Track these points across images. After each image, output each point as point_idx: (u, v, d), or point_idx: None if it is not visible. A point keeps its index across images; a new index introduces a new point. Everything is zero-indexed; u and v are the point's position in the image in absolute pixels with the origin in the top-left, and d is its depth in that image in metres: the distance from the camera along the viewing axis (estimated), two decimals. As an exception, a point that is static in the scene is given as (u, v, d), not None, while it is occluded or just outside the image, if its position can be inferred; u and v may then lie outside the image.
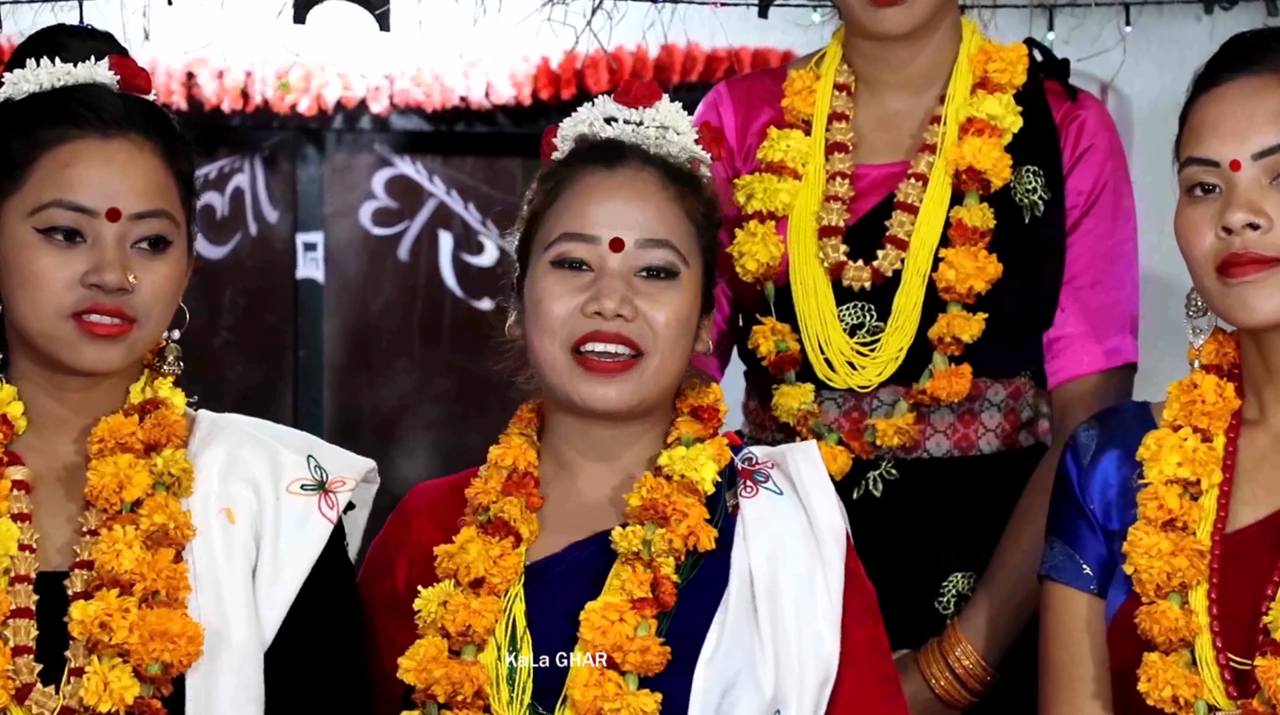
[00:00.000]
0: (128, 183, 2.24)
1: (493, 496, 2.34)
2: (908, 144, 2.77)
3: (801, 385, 2.72)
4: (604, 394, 2.30)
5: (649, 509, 2.29)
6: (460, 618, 2.26)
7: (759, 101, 2.85)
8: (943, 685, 2.66)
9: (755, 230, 2.73)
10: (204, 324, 6.09)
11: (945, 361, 2.69)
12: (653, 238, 2.32)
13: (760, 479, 2.34)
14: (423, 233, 6.30)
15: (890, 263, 2.70)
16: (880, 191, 2.75)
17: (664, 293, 2.32)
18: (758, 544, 2.29)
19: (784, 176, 2.76)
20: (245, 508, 2.27)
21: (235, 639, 2.21)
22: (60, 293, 2.22)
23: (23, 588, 2.20)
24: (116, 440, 2.26)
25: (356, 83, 5.96)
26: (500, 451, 2.37)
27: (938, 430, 2.72)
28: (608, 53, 3.66)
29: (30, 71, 2.29)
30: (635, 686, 2.22)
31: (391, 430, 6.23)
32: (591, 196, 2.34)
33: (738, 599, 2.27)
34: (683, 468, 2.31)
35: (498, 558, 2.29)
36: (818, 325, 2.73)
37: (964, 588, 2.71)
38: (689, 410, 2.38)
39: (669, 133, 2.38)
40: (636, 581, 2.25)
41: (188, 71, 5.86)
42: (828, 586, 2.28)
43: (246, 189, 6.21)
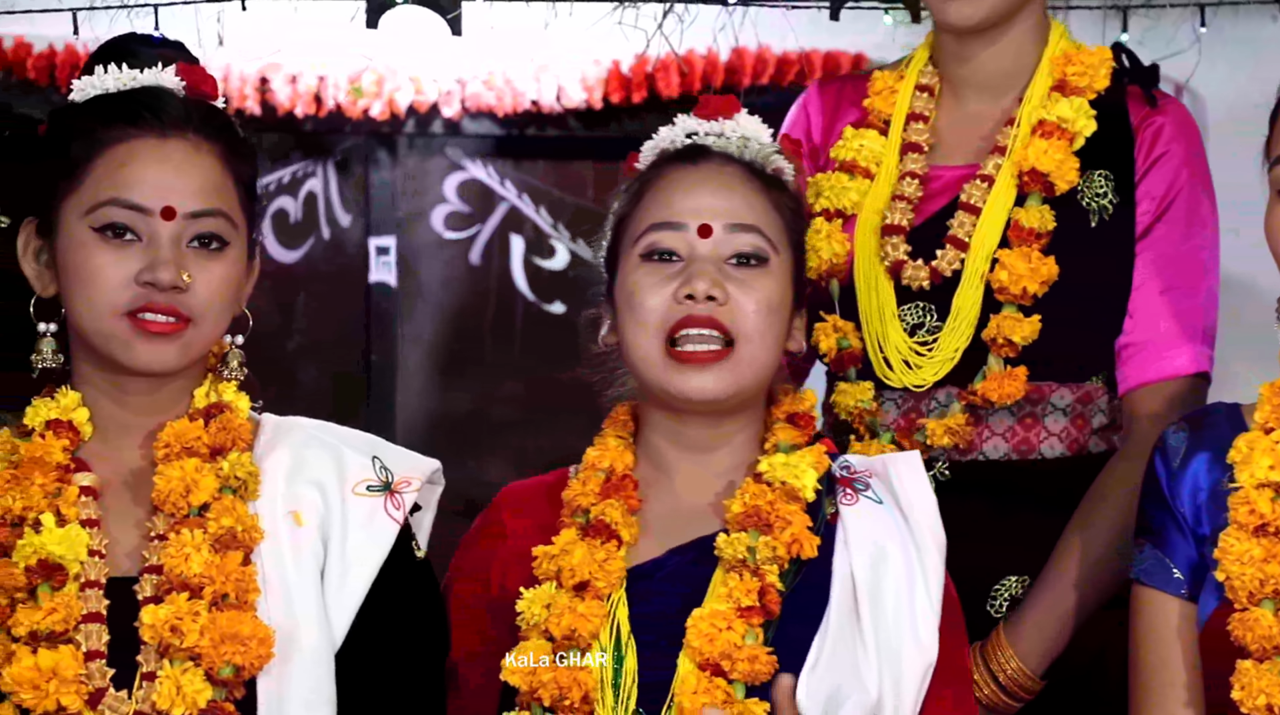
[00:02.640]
0: (183, 182, 2.25)
1: (592, 499, 2.34)
2: (982, 146, 2.77)
3: (861, 383, 2.73)
4: (699, 384, 2.30)
5: (752, 516, 2.29)
6: (565, 621, 2.26)
7: (846, 103, 2.86)
8: (985, 692, 2.64)
9: (820, 227, 2.74)
10: (277, 328, 6.12)
11: (1000, 363, 2.68)
12: (740, 222, 2.33)
13: (860, 487, 2.34)
14: (494, 236, 6.31)
15: (949, 263, 2.70)
16: (951, 193, 2.75)
17: (754, 278, 2.32)
18: (860, 549, 2.29)
19: (855, 175, 2.77)
20: (312, 510, 2.27)
21: (305, 641, 2.22)
22: (115, 291, 2.23)
23: (93, 593, 2.21)
24: (182, 444, 2.26)
25: (428, 87, 5.98)
26: (597, 454, 2.38)
27: (995, 433, 2.71)
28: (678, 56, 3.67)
29: (98, 77, 2.30)
30: (743, 695, 2.22)
31: (463, 433, 6.25)
32: (676, 188, 2.35)
33: (840, 606, 2.27)
34: (784, 475, 2.31)
35: (603, 561, 2.29)
36: (877, 323, 2.73)
37: (1017, 592, 2.70)
38: (785, 416, 2.38)
39: (751, 143, 2.39)
40: (744, 590, 2.25)
41: (261, 77, 5.90)
42: (929, 593, 2.28)
43: (319, 193, 6.24)
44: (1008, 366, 2.68)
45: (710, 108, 2.40)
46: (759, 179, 2.36)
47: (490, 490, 2.50)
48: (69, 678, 2.14)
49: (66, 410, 2.28)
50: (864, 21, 3.75)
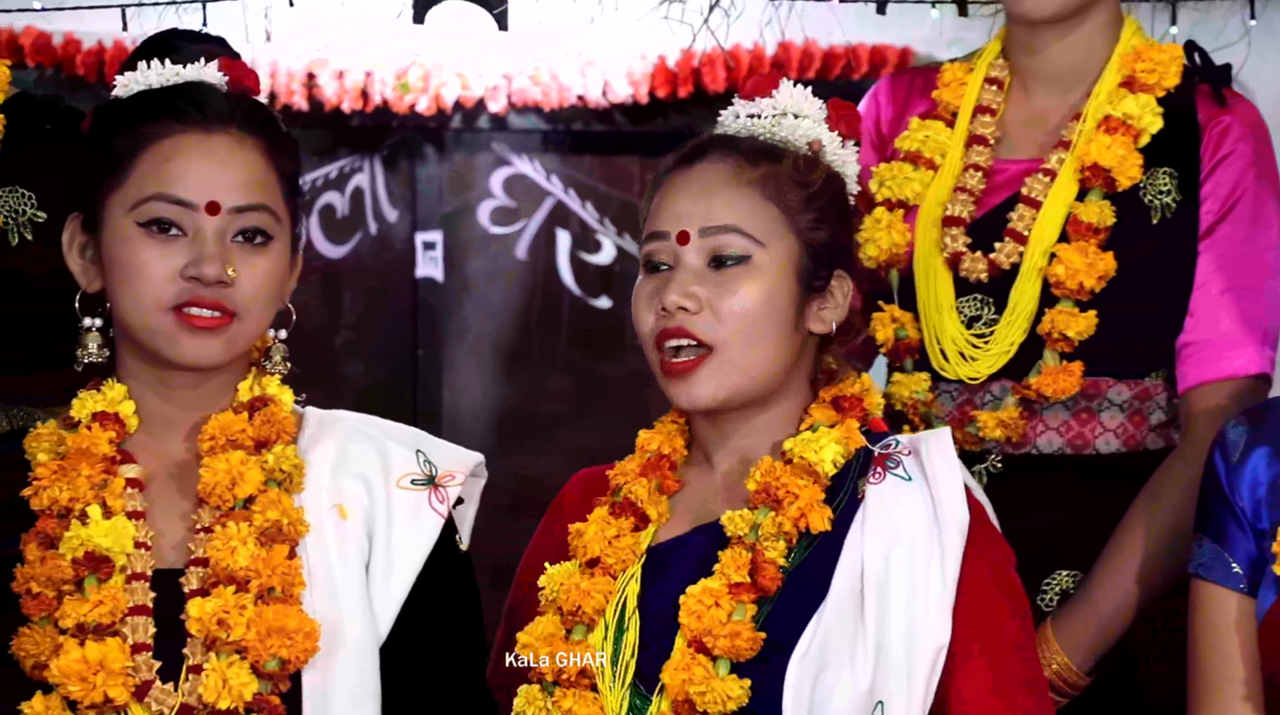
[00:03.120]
0: (228, 177, 2.25)
1: (629, 478, 2.36)
2: (1047, 141, 2.77)
3: (917, 374, 2.73)
4: (690, 394, 2.32)
5: (762, 492, 2.29)
6: (572, 597, 2.28)
7: (916, 94, 2.86)
8: None
9: (881, 217, 2.74)
10: (324, 323, 6.14)
11: (1055, 358, 2.67)
12: (714, 225, 2.32)
13: (891, 465, 2.32)
14: (540, 231, 6.32)
15: (1008, 256, 2.70)
16: (1013, 186, 2.75)
17: (735, 280, 2.32)
18: (874, 532, 2.28)
19: (919, 166, 2.77)
20: (357, 503, 2.28)
21: (351, 635, 2.22)
22: (160, 286, 2.24)
23: (139, 585, 2.22)
24: (227, 437, 2.27)
25: (475, 82, 5.99)
26: (648, 436, 2.40)
27: (1049, 427, 2.70)
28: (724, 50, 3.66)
29: (141, 73, 2.31)
30: (725, 672, 2.22)
31: (510, 428, 6.25)
32: (665, 196, 2.36)
33: (842, 591, 2.26)
34: (801, 450, 2.31)
35: (613, 538, 2.31)
36: (935, 315, 2.73)
37: (1069, 586, 2.69)
38: (830, 399, 2.37)
39: (786, 118, 2.37)
40: (735, 565, 2.25)
41: (308, 72, 5.91)
42: (944, 576, 2.25)
43: (366, 189, 6.26)
44: (1063, 361, 2.67)
45: (746, 89, 2.40)
46: (754, 169, 2.34)
47: (537, 484, 2.51)
48: (116, 670, 2.15)
49: (113, 402, 2.29)
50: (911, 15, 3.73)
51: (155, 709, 2.17)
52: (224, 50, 2.35)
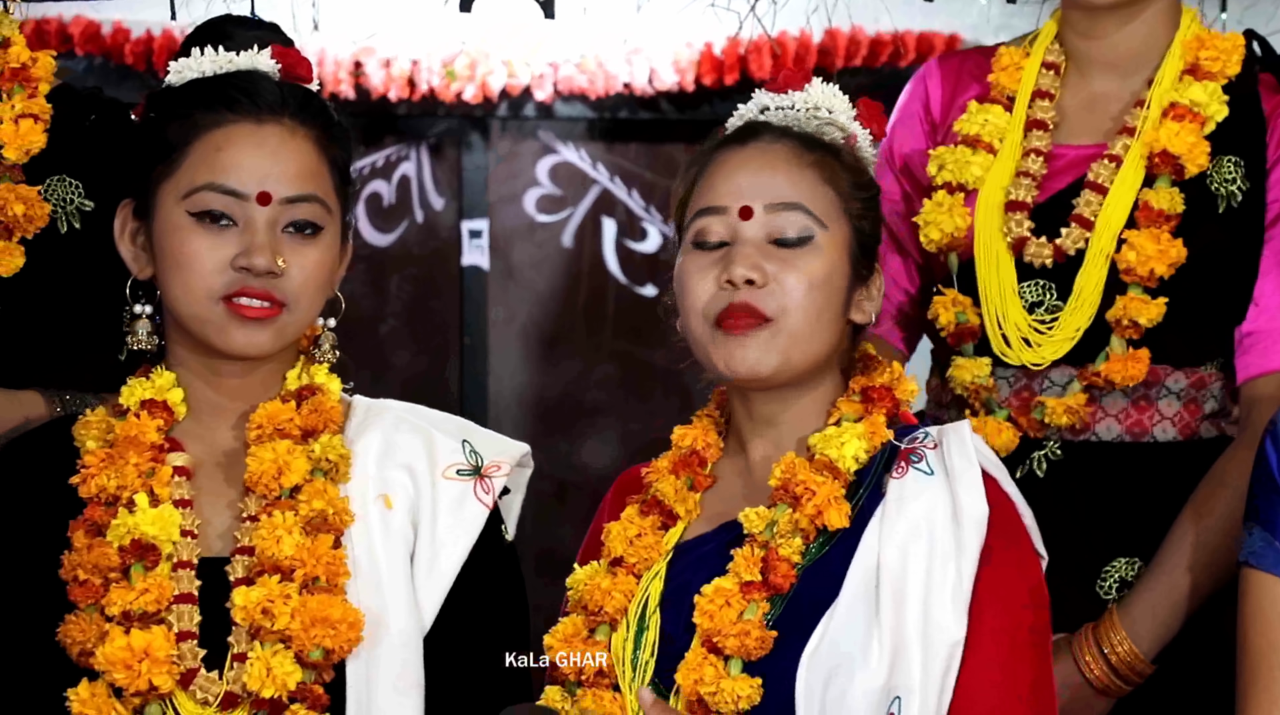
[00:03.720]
0: (279, 167, 2.26)
1: (660, 476, 2.35)
2: (1109, 127, 2.76)
3: (979, 358, 2.72)
4: (743, 356, 2.29)
5: (782, 489, 2.28)
6: (595, 597, 2.28)
7: (968, 78, 2.85)
8: (1096, 673, 2.62)
9: (942, 201, 2.73)
10: (371, 311, 6.16)
11: (1123, 345, 2.66)
12: (782, 202, 2.31)
13: (914, 460, 2.30)
14: (586, 219, 6.32)
15: (1074, 241, 2.69)
16: (1075, 172, 2.74)
17: (798, 258, 2.30)
18: (891, 528, 2.26)
19: (978, 150, 2.76)
20: (402, 493, 2.28)
21: (395, 625, 2.22)
22: (211, 275, 2.24)
23: (185, 573, 2.22)
24: (274, 426, 2.27)
25: (521, 70, 5.99)
26: (682, 432, 2.39)
27: (1109, 414, 2.69)
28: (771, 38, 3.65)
29: (194, 60, 2.31)
30: (738, 671, 2.21)
31: (556, 416, 6.26)
32: (720, 172, 2.34)
33: (856, 587, 2.24)
34: (824, 446, 2.30)
35: (634, 537, 2.30)
36: (997, 299, 2.72)
37: (1128, 574, 2.68)
38: (859, 389, 2.36)
39: (821, 112, 2.37)
40: (746, 565, 2.25)
41: (355, 61, 5.93)
42: (960, 572, 2.23)
43: (413, 177, 6.27)
44: (1129, 348, 2.66)
45: (779, 81, 2.39)
46: (811, 153, 2.33)
47: (582, 472, 2.51)
48: (161, 658, 2.15)
49: (161, 390, 2.30)
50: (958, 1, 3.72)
51: (200, 697, 2.18)
52: (277, 37, 2.35)
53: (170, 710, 2.17)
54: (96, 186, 2.50)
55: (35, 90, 2.54)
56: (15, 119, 2.50)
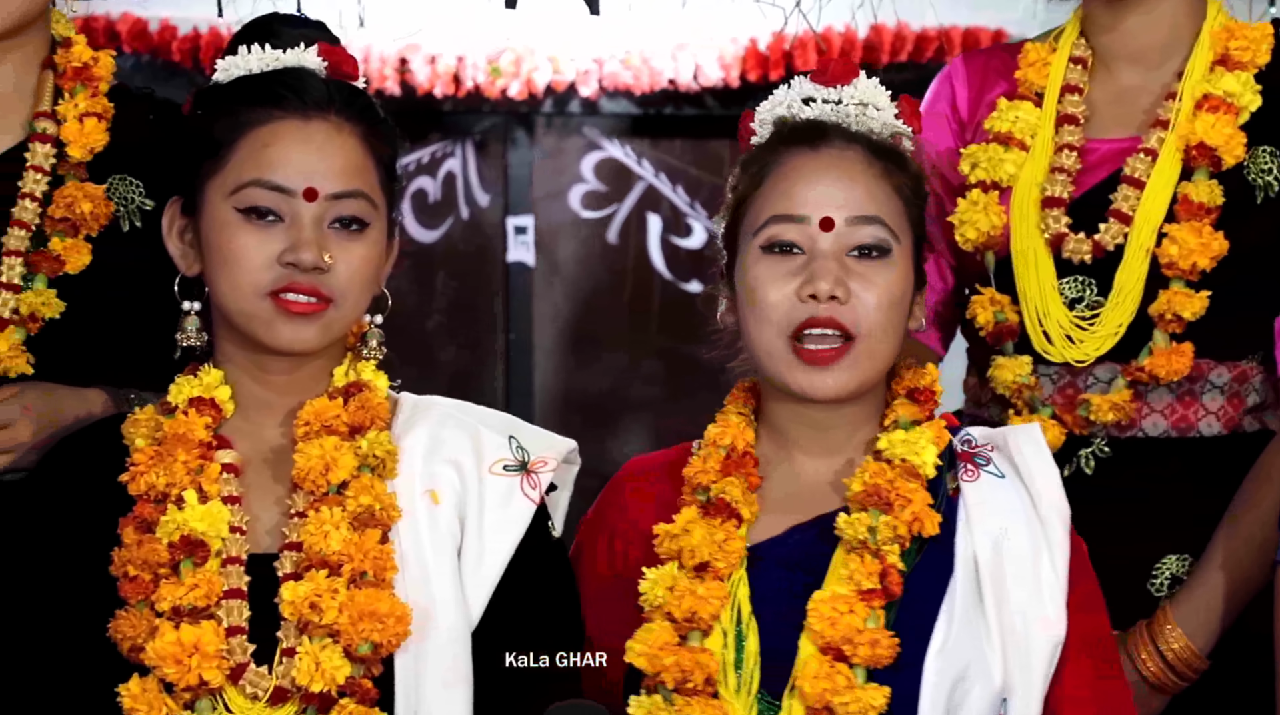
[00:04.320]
0: (325, 163, 2.26)
1: (712, 476, 2.33)
2: (1140, 120, 2.74)
3: (1019, 357, 2.71)
4: (822, 383, 2.29)
5: (872, 495, 2.27)
6: (686, 604, 2.25)
7: (994, 75, 2.84)
8: (1151, 669, 2.62)
9: (977, 199, 2.72)
10: (416, 307, 6.18)
11: (1166, 339, 2.65)
12: (863, 215, 2.30)
13: (981, 462, 2.32)
14: (631, 215, 6.33)
15: (1113, 237, 2.68)
16: (1109, 166, 2.72)
17: (877, 272, 2.30)
18: (981, 529, 2.27)
19: (1010, 147, 2.75)
20: (449, 489, 2.28)
21: (443, 619, 2.23)
22: (258, 271, 2.25)
23: (234, 569, 2.23)
24: (321, 422, 2.28)
25: (566, 66, 6.00)
26: (719, 430, 2.37)
27: (1154, 409, 2.68)
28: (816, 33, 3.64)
29: (241, 58, 2.32)
30: (864, 679, 2.21)
31: (601, 412, 6.27)
32: (798, 177, 2.32)
33: (964, 587, 2.25)
34: (903, 452, 2.29)
35: (722, 542, 2.28)
36: (1037, 297, 2.71)
37: (1178, 570, 2.67)
38: (905, 392, 2.36)
39: (869, 109, 2.36)
40: (865, 572, 2.23)
41: (401, 57, 5.94)
42: (1054, 568, 2.25)
43: (458, 173, 6.28)
44: (1172, 342, 2.65)
45: (829, 74, 2.37)
46: (881, 162, 2.33)
47: (628, 469, 2.50)
48: (210, 653, 2.16)
49: (209, 387, 2.31)
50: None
51: (249, 691, 2.19)
52: (324, 35, 2.36)
53: (220, 705, 2.18)
54: (156, 186, 2.52)
55: (97, 89, 2.56)
56: (79, 118, 2.52)
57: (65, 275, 2.48)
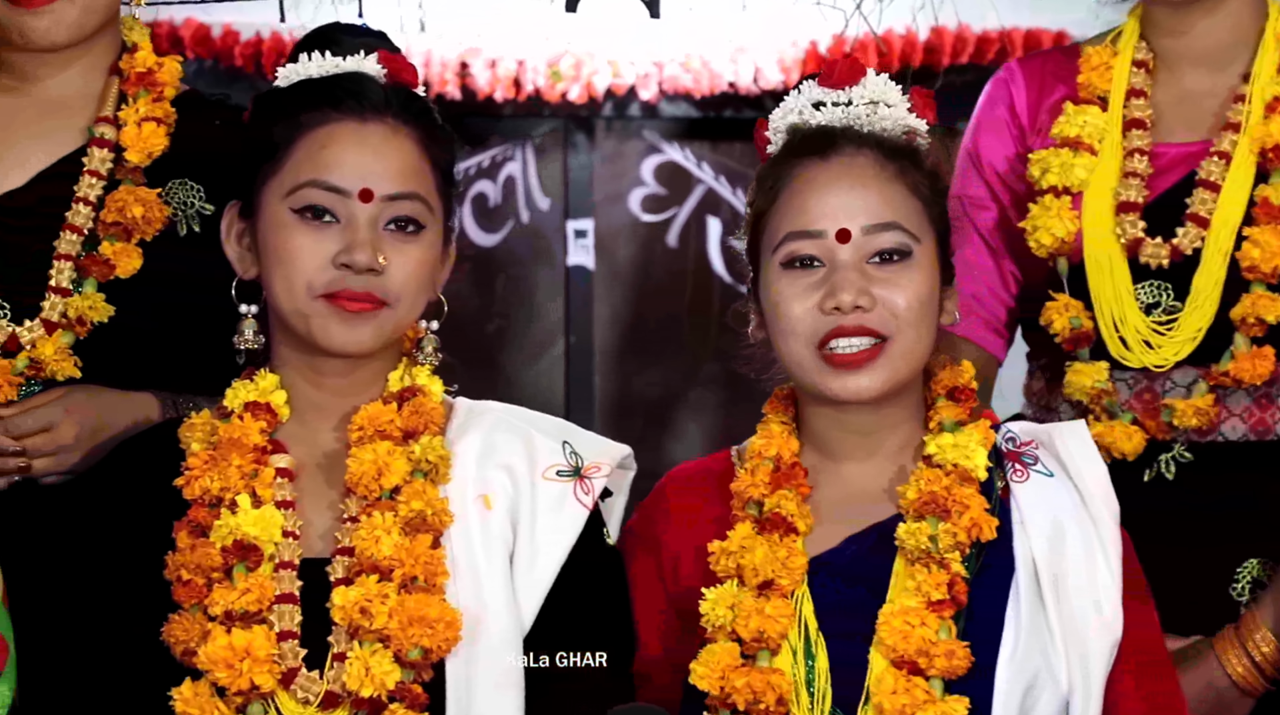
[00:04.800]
0: (381, 165, 2.27)
1: (763, 490, 2.31)
2: (1209, 123, 2.73)
3: (1096, 363, 2.69)
4: (856, 385, 2.28)
5: (929, 502, 2.25)
6: (754, 624, 2.22)
7: (1052, 79, 2.82)
8: (1240, 672, 2.60)
9: (1050, 205, 2.71)
10: (476, 311, 6.19)
11: (1248, 343, 2.63)
12: (879, 222, 2.29)
13: (1029, 461, 2.30)
14: (691, 219, 6.32)
15: (1190, 241, 2.66)
16: (1178, 170, 2.71)
17: (900, 275, 2.29)
18: (1037, 530, 2.26)
19: (1079, 152, 2.73)
20: (502, 494, 2.28)
21: (494, 625, 2.22)
22: (312, 272, 2.26)
23: (287, 574, 2.24)
24: (375, 427, 2.28)
25: (626, 70, 6.00)
26: (763, 442, 2.36)
27: (1233, 413, 2.67)
28: (877, 35, 3.63)
29: (302, 64, 2.33)
30: (941, 691, 2.19)
31: (662, 416, 6.26)
32: (810, 191, 2.31)
33: (1027, 589, 2.24)
34: (955, 456, 2.28)
35: (785, 559, 2.25)
36: (1113, 303, 2.69)
37: (1260, 574, 2.65)
38: (945, 391, 2.35)
39: (879, 108, 2.34)
40: (932, 583, 2.22)
41: (461, 61, 5.96)
42: (1109, 564, 2.24)
43: (518, 177, 6.29)
44: (1253, 346, 2.63)
45: (835, 76, 2.36)
46: (893, 163, 2.32)
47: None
48: (262, 657, 2.17)
49: (265, 392, 2.31)
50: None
51: (301, 696, 2.19)
52: (384, 44, 2.37)
53: (272, 709, 2.19)
54: (217, 191, 2.53)
55: (160, 94, 2.57)
56: (139, 122, 2.54)
57: (115, 279, 2.49)
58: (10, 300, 2.49)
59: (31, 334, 2.47)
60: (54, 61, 2.55)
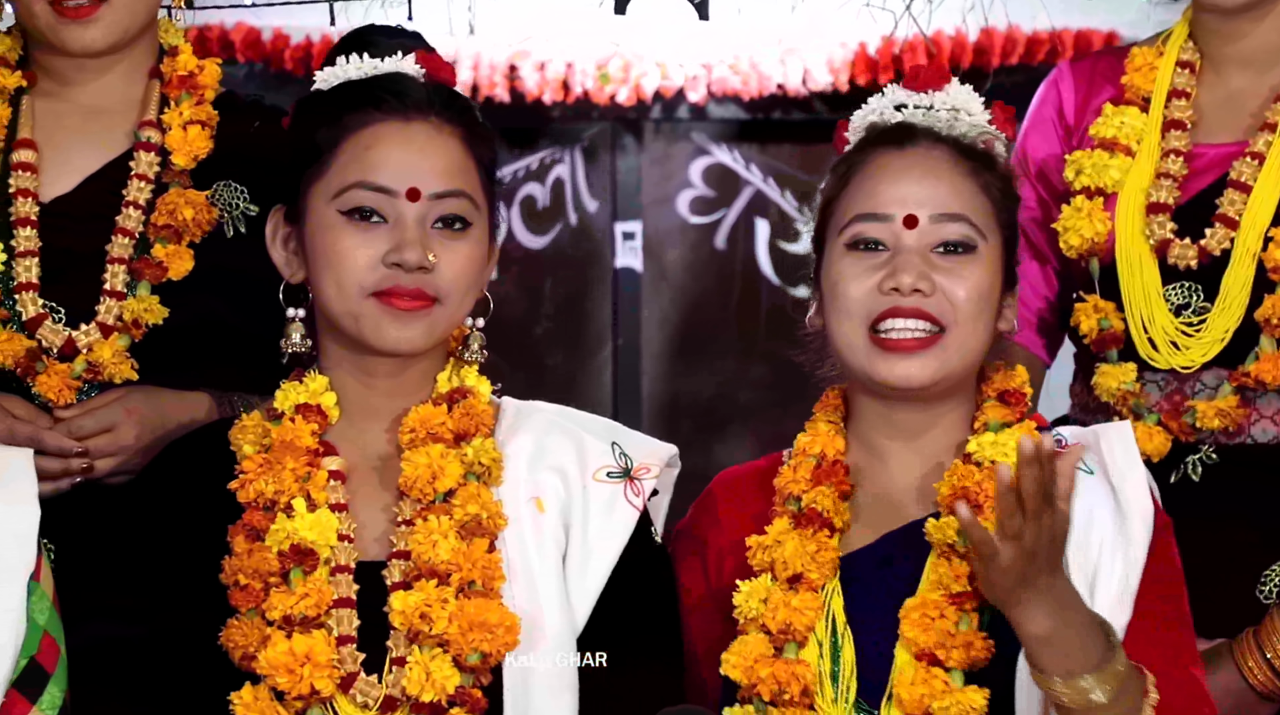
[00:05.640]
0: (427, 163, 2.27)
1: (803, 486, 2.33)
2: (1248, 123, 2.72)
3: (1124, 364, 2.69)
4: (905, 371, 2.28)
5: (960, 497, 2.25)
6: (781, 616, 2.25)
7: (1101, 80, 2.82)
8: (1259, 677, 2.59)
9: (1081, 206, 2.70)
10: (525, 313, 6.20)
11: (1273, 344, 2.62)
12: (947, 212, 2.30)
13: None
14: (739, 221, 6.32)
15: (1219, 242, 2.65)
16: (1216, 171, 2.70)
17: (963, 267, 2.29)
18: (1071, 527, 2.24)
19: (1115, 153, 2.73)
20: (554, 496, 2.28)
21: (549, 627, 2.23)
22: (362, 272, 2.26)
23: (343, 578, 2.24)
24: (427, 430, 2.29)
25: (674, 72, 6.00)
26: (808, 439, 2.36)
27: (1263, 416, 2.66)
28: (926, 37, 3.62)
29: (340, 67, 2.34)
30: (962, 682, 2.19)
31: (710, 417, 6.26)
32: (883, 176, 2.32)
33: None
34: (993, 454, 2.28)
35: (815, 553, 2.27)
36: (1142, 303, 2.69)
37: None
38: (995, 394, 2.34)
39: (960, 114, 2.35)
40: (953, 575, 2.23)
41: (510, 64, 5.96)
42: (1127, 561, 2.23)
43: (567, 179, 6.30)
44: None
45: (920, 79, 2.37)
46: (968, 161, 2.33)
47: (733, 477, 2.49)
48: (322, 662, 2.17)
49: (315, 394, 2.32)
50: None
51: (360, 701, 2.20)
52: (420, 44, 2.38)
53: (331, 714, 2.19)
54: (261, 192, 2.54)
55: (202, 97, 2.58)
56: (183, 125, 2.55)
57: (168, 281, 2.51)
58: (66, 304, 2.50)
59: (88, 337, 2.49)
60: (93, 67, 2.56)
